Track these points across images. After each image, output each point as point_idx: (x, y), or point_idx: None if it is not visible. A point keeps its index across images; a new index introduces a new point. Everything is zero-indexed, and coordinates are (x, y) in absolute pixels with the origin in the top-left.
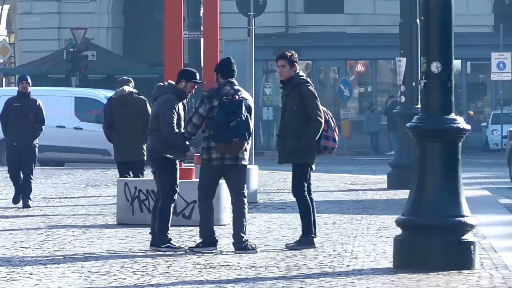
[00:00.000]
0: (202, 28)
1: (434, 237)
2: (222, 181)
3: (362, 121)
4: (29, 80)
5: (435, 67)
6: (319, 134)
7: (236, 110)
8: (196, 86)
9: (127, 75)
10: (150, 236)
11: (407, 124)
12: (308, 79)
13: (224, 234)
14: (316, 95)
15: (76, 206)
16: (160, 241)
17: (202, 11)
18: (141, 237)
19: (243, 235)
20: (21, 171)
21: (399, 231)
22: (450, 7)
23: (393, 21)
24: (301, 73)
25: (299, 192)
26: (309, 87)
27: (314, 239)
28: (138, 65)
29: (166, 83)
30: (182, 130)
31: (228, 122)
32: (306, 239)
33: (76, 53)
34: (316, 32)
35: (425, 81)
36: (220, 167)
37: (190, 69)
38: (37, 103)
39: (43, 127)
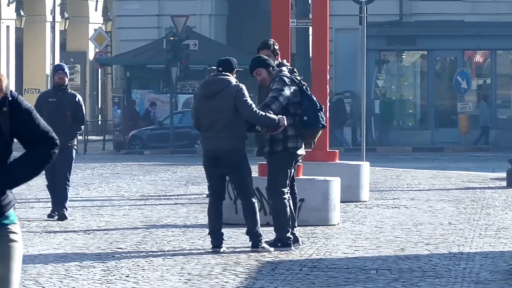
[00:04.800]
0: (311, 16)
1: None
2: (331, 179)
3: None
4: (66, 70)
5: None
6: None
7: (310, 94)
8: None
9: None
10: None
11: None
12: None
13: (333, 234)
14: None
15: (176, 204)
16: (257, 242)
17: None
18: (245, 237)
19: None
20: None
21: None
22: None
23: None
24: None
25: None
26: None
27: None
28: (242, 55)
29: (216, 78)
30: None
31: (317, 105)
32: None
33: (176, 42)
34: (432, 20)
35: None
36: (298, 157)
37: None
38: (77, 99)
39: (82, 127)
